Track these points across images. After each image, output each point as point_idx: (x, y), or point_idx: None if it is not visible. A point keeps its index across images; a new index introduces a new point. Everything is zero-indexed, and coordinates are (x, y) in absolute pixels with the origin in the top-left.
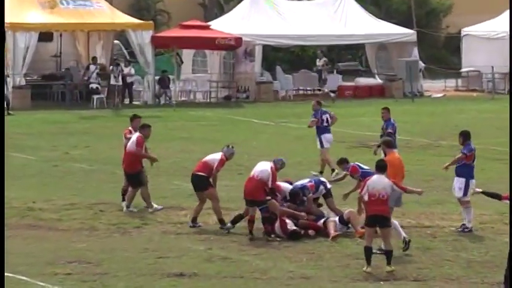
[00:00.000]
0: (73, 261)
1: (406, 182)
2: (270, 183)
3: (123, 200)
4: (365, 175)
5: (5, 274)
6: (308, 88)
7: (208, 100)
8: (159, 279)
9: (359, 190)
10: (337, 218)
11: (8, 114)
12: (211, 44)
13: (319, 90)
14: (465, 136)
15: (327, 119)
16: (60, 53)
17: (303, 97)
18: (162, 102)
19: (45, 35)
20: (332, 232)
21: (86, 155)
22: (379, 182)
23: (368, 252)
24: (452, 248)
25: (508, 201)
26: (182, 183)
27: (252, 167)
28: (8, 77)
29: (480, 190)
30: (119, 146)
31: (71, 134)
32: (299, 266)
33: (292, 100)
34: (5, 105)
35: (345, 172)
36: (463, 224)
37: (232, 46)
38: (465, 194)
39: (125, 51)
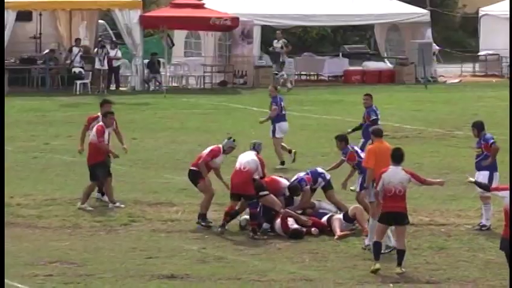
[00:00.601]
0: (54, 262)
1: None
2: (261, 171)
3: (102, 194)
4: (359, 165)
5: None
6: (312, 73)
7: (202, 86)
8: (148, 281)
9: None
10: (341, 215)
11: None
12: (206, 24)
13: (276, 74)
14: (479, 127)
15: (283, 106)
16: (40, 34)
17: (305, 82)
18: (152, 88)
19: (24, 14)
20: (338, 231)
21: (68, 146)
22: (395, 175)
23: (377, 247)
24: (468, 247)
25: (497, 193)
26: (173, 177)
27: None
28: None
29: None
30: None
31: (52, 122)
32: (301, 267)
33: (294, 86)
34: None
35: (341, 158)
36: (481, 222)
37: (228, 27)
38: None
39: (110, 32)
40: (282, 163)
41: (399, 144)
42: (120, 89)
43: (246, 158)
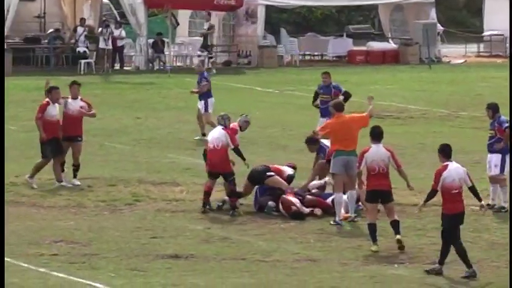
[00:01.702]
0: (59, 241)
1: (422, 156)
2: (230, 143)
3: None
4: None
5: None
6: (315, 53)
7: (206, 66)
8: (153, 260)
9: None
10: (346, 196)
11: None
12: (210, 3)
13: (210, 58)
14: (494, 109)
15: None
16: (44, 13)
17: (309, 63)
18: (156, 67)
19: None
20: (343, 212)
21: None
22: (377, 153)
23: (372, 229)
24: (473, 228)
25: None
26: (177, 157)
27: (253, 139)
28: None
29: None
30: (109, 116)
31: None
32: (305, 248)
33: (298, 66)
34: None
35: (325, 180)
36: (495, 205)
37: (232, 6)
38: (502, 170)
39: (115, 11)
40: (204, 134)
41: (404, 124)
42: (125, 68)
43: (215, 135)
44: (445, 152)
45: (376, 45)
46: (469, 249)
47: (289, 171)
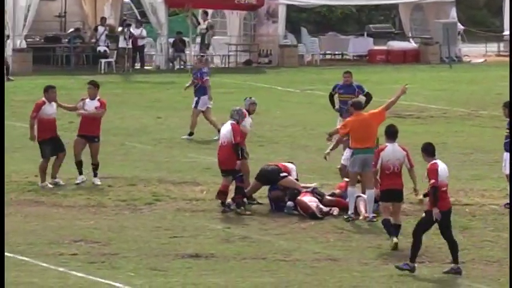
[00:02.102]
0: (79, 241)
1: (443, 155)
2: (233, 138)
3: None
4: None
5: (4, 254)
6: (336, 52)
7: (226, 65)
8: (173, 260)
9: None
10: (365, 196)
11: (8, 79)
12: (231, 3)
13: (202, 56)
14: (510, 107)
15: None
16: (65, 12)
17: (330, 62)
18: (177, 67)
19: None
20: (363, 211)
21: None
22: (393, 153)
23: (387, 224)
24: (493, 227)
25: None
26: (198, 156)
27: (274, 138)
28: (8, 38)
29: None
30: (129, 116)
31: (76, 101)
32: (326, 247)
33: (318, 65)
34: (5, 70)
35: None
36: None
37: (253, 6)
38: None
39: (135, 10)
40: (190, 134)
41: (424, 124)
42: (145, 67)
43: (223, 131)
44: (428, 151)
45: (396, 45)
46: (490, 248)
47: (294, 169)
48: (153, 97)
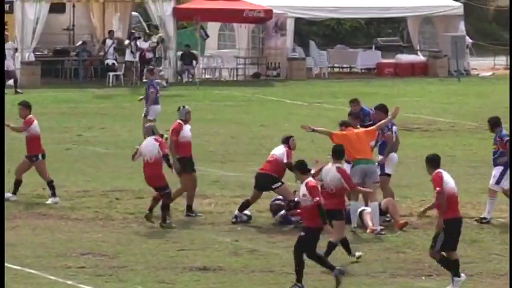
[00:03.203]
0: (86, 254)
1: (451, 168)
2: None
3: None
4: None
5: (13, 267)
6: (344, 65)
7: (235, 78)
8: (181, 273)
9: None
10: (369, 209)
11: (16, 92)
12: (239, 16)
13: (152, 68)
14: (492, 123)
15: (158, 89)
16: (73, 25)
17: (338, 75)
18: (185, 80)
19: (57, 6)
20: (370, 224)
21: (101, 137)
22: (327, 172)
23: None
24: (501, 241)
25: None
26: (206, 169)
27: None
28: (17, 51)
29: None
30: (137, 128)
31: (85, 114)
32: (334, 260)
33: (327, 78)
34: (13, 83)
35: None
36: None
37: (261, 19)
38: (498, 182)
39: (144, 23)
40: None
41: (433, 137)
42: None
43: (149, 148)
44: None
45: (404, 58)
46: (497, 262)
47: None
48: (161, 110)
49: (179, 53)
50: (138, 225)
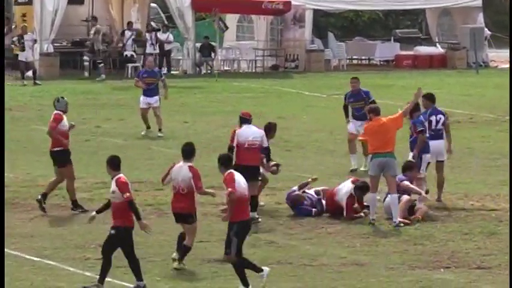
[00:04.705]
0: None
1: (470, 160)
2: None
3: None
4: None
5: (31, 258)
6: (363, 57)
7: (253, 70)
8: (199, 265)
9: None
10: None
11: (35, 84)
12: (258, 8)
13: (99, 63)
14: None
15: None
16: (92, 17)
17: (357, 67)
18: (203, 71)
19: None
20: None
21: (120, 129)
22: (178, 171)
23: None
24: None
25: None
26: None
27: (301, 143)
28: (36, 43)
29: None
30: (151, 118)
31: (103, 105)
32: (352, 252)
33: (345, 70)
34: (32, 74)
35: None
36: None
37: (280, 10)
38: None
39: (162, 15)
40: (148, 127)
41: (451, 129)
42: (172, 72)
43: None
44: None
45: (423, 50)
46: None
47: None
48: (180, 102)
49: (198, 45)
50: (156, 216)
